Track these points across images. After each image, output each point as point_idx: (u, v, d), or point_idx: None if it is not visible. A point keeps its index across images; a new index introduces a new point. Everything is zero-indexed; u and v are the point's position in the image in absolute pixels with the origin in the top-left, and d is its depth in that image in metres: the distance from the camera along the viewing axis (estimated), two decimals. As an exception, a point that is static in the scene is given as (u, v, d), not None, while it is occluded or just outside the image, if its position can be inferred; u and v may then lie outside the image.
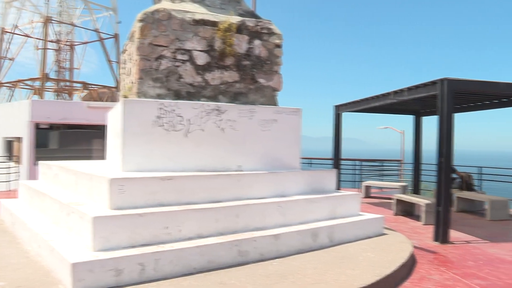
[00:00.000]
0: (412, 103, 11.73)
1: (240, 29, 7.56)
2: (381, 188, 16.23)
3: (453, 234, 8.30)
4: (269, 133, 7.36)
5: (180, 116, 6.62)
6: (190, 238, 5.45)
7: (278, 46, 7.91)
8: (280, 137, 7.47)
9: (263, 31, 7.78)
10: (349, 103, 12.64)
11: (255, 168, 7.16)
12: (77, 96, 35.62)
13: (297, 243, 6.15)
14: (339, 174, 13.26)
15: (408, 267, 6.05)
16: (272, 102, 7.83)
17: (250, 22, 7.69)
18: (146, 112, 6.40)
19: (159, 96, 6.90)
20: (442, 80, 7.94)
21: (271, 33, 7.86)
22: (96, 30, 39.81)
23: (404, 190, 13.95)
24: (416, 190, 14.59)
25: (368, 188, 14.94)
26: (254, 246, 5.66)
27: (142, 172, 6.17)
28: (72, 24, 39.59)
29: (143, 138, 6.36)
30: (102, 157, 9.11)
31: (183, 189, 5.95)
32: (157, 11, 7.01)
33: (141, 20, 6.91)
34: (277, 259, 5.74)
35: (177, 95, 7.05)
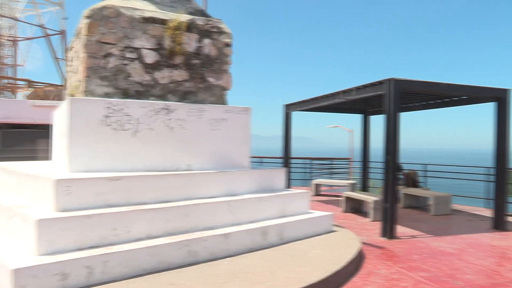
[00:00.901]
0: (360, 102, 12.02)
1: (190, 27, 7.51)
2: (330, 186, 16.50)
3: (400, 229, 8.59)
4: (218, 132, 7.35)
5: (129, 115, 6.51)
6: (139, 239, 5.38)
7: (228, 45, 7.92)
8: (229, 136, 7.48)
9: (213, 30, 7.76)
10: (298, 102, 12.79)
11: (205, 167, 7.14)
12: (21, 94, 34.31)
13: (248, 241, 6.18)
14: (289, 172, 13.43)
15: (356, 263, 6.21)
16: (222, 101, 7.83)
17: (200, 20, 7.65)
18: (93, 111, 6.25)
19: (107, 95, 6.76)
20: (388, 80, 8.18)
21: (221, 32, 7.85)
22: (41, 26, 38.42)
23: (353, 187, 14.25)
24: (364, 188, 14.96)
25: (318, 186, 15.17)
26: (204, 246, 5.65)
27: (89, 172, 6.03)
28: (15, 19, 38.06)
29: (90, 138, 6.21)
30: (47, 157, 8.83)
31: (132, 189, 5.86)
32: (105, 7, 6.86)
33: (88, 17, 6.74)
34: (227, 258, 5.76)
35: (126, 94, 6.93)
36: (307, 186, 16.39)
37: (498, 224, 9.28)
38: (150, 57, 7.14)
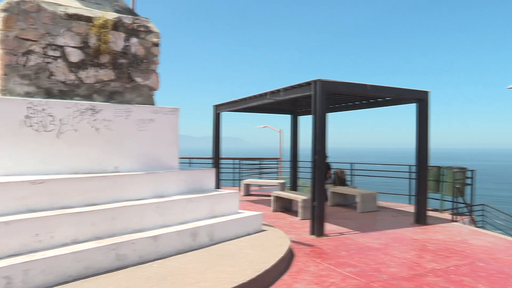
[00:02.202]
0: (289, 102, 12.22)
1: (117, 26, 7.32)
2: (260, 185, 16.66)
3: (328, 227, 8.83)
4: (146, 133, 7.22)
5: (52, 115, 6.24)
6: (64, 245, 5.18)
7: (156, 44, 7.79)
8: (157, 137, 7.37)
9: (140, 29, 7.61)
10: (228, 103, 12.82)
11: (133, 169, 6.99)
12: None
13: (177, 243, 6.12)
14: (218, 173, 13.42)
15: (286, 261, 6.31)
16: (149, 101, 7.69)
17: (127, 19, 7.48)
18: (12, 112, 5.92)
19: (28, 94, 6.44)
20: (315, 81, 8.36)
21: (148, 31, 7.71)
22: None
23: (282, 187, 14.43)
24: (293, 187, 15.22)
25: (248, 186, 15.23)
26: (133, 249, 5.54)
27: (10, 176, 5.73)
28: None
29: (10, 140, 5.89)
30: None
31: (56, 193, 5.63)
32: (23, 1, 6.52)
33: (4, 10, 6.37)
34: (157, 261, 5.68)
35: (48, 94, 6.64)
36: (237, 186, 16.47)
37: (420, 218, 9.78)
38: (75, 55, 6.89)
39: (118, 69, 7.33)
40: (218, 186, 12.57)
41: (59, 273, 4.76)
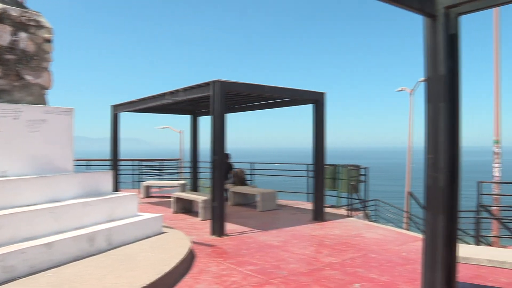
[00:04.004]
0: (189, 103, 12.16)
1: (2, 18, 6.81)
2: (161, 187, 16.43)
3: (229, 226, 8.90)
4: (38, 134, 6.80)
5: None
6: None
7: (48, 40, 7.36)
8: (50, 138, 6.97)
9: (30, 23, 7.14)
10: (126, 103, 12.49)
11: (23, 172, 6.55)
12: None
13: (73, 249, 5.83)
14: (117, 175, 13.02)
15: (187, 262, 6.26)
16: (41, 101, 7.25)
17: (14, 11, 6.98)
18: None
19: None
20: (214, 82, 8.40)
21: (39, 26, 7.26)
22: None
23: (183, 188, 14.35)
24: (194, 188, 15.18)
25: (148, 188, 14.97)
26: (23, 259, 5.16)
27: None
28: None
29: None
30: None
31: None
32: None
33: None
34: (51, 270, 5.35)
35: None
36: (137, 188, 16.10)
37: (318, 215, 10.18)
38: (-47, 50, 6.32)
39: (4, 65, 6.81)
40: (117, 189, 12.20)
41: None
